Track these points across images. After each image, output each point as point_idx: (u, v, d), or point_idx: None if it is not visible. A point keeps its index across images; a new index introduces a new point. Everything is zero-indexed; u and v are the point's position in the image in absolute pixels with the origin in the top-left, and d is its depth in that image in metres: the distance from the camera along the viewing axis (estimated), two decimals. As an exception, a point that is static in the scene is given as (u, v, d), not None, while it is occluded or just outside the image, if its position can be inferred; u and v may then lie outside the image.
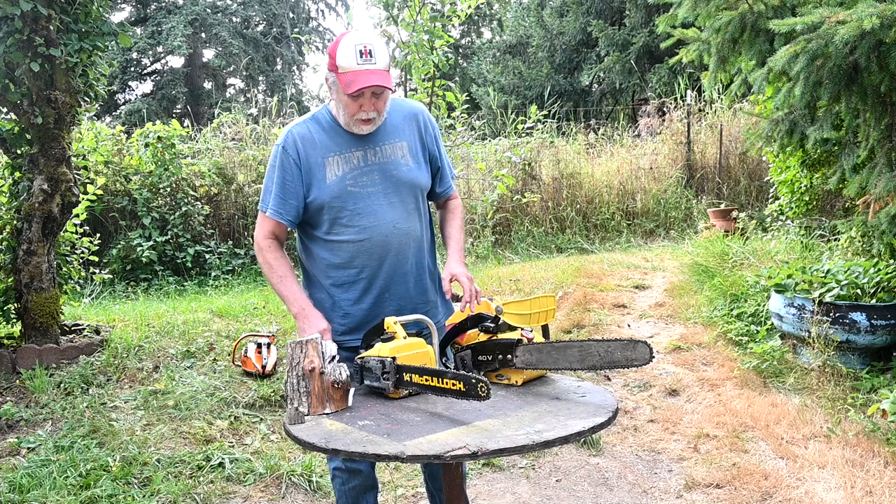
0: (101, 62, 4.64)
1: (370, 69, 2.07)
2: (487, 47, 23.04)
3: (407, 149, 2.28)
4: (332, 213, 2.23)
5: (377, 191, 2.23)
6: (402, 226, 2.25)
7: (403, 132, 2.29)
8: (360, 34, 2.12)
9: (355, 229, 2.22)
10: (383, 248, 2.23)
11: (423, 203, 2.35)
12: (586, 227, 9.89)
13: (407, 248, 2.27)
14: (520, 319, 2.01)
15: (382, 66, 2.10)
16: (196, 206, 8.36)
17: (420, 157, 2.32)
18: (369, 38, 2.11)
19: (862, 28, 3.29)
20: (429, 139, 2.35)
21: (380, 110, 2.17)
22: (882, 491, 2.96)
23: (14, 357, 4.39)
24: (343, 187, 2.20)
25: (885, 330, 4.12)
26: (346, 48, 2.08)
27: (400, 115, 2.31)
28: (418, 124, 2.33)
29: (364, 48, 2.07)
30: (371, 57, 2.07)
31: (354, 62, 2.07)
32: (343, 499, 2.42)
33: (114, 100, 24.29)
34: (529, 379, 2.07)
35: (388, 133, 2.26)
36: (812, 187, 6.52)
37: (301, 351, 1.88)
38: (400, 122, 2.30)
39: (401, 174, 2.25)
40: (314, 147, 2.22)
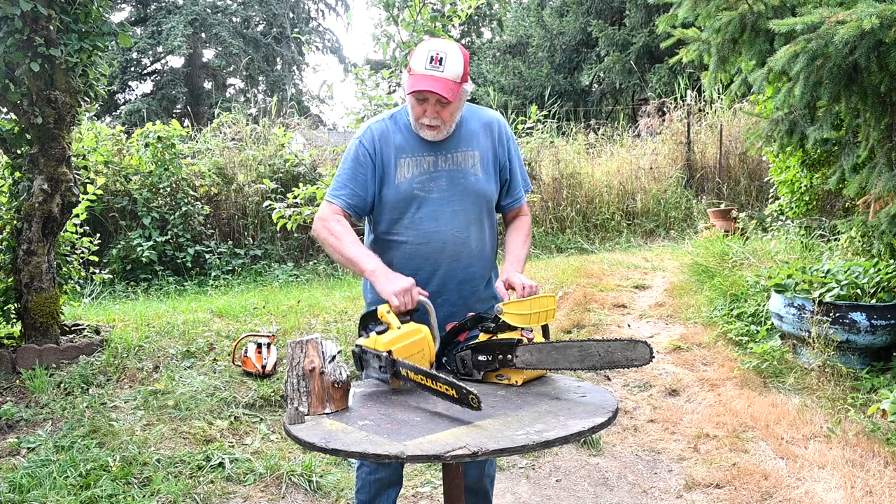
0: (101, 62, 4.64)
1: (434, 76, 2.07)
2: (487, 47, 23.06)
3: (478, 159, 2.27)
4: (394, 214, 2.26)
5: (442, 197, 2.23)
6: (461, 235, 2.25)
7: (477, 141, 2.28)
8: (439, 42, 2.13)
9: (415, 232, 2.25)
10: (439, 255, 2.25)
11: (489, 215, 2.33)
12: (586, 227, 9.89)
13: (463, 258, 2.27)
14: (520, 319, 2.01)
15: (450, 76, 2.09)
16: (196, 206, 8.36)
17: (490, 169, 2.30)
18: (446, 47, 2.11)
19: (862, 28, 3.29)
20: (501, 150, 2.32)
21: (444, 119, 2.16)
22: (882, 491, 2.96)
23: (14, 357, 4.39)
24: (410, 190, 2.23)
25: (885, 330, 4.12)
26: (420, 51, 2.11)
27: (477, 123, 2.30)
28: (493, 134, 2.31)
29: (436, 55, 2.08)
30: (440, 64, 2.07)
31: (423, 66, 2.08)
32: (366, 488, 2.44)
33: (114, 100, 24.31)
34: (529, 379, 2.07)
35: (461, 141, 2.26)
36: (812, 187, 6.53)
37: (301, 351, 1.88)
38: (475, 131, 2.29)
39: (468, 184, 2.25)
40: (389, 146, 2.25)
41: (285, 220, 5.53)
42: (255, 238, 8.83)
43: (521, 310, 2.01)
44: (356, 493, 2.48)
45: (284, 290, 7.16)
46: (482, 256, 2.33)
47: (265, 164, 9.05)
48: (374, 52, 5.75)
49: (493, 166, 2.30)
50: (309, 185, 6.06)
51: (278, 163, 9.05)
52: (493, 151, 2.30)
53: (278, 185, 8.55)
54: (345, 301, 5.97)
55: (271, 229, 8.63)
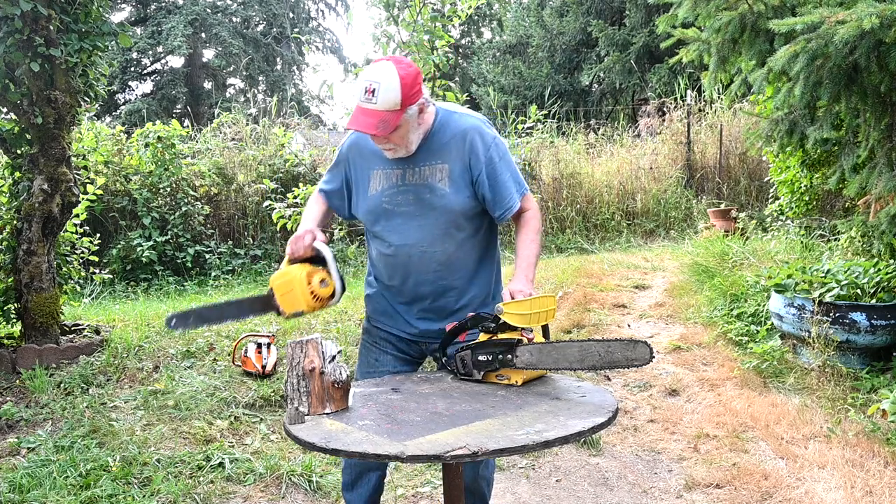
0: (101, 62, 4.64)
1: (366, 109, 2.01)
2: (487, 47, 23.06)
3: (447, 172, 2.18)
4: (368, 223, 2.31)
5: (409, 211, 2.21)
6: (428, 249, 2.22)
7: (448, 154, 2.18)
8: (375, 70, 2.03)
9: (385, 244, 2.27)
10: (406, 267, 2.26)
11: (463, 227, 2.24)
12: (586, 227, 9.89)
13: (431, 271, 2.24)
14: (520, 319, 2.01)
15: (384, 107, 2.00)
16: (196, 206, 8.37)
17: (461, 182, 2.19)
18: (380, 75, 2.01)
19: (862, 28, 3.29)
20: (475, 161, 2.18)
21: (396, 143, 2.11)
22: (882, 491, 2.96)
23: (14, 357, 4.39)
24: (379, 203, 2.23)
25: (885, 330, 4.12)
26: (358, 80, 2.05)
27: (450, 134, 2.19)
28: (465, 146, 2.18)
29: (369, 86, 2.00)
30: (373, 96, 1.99)
31: (359, 97, 2.03)
32: (348, 470, 2.49)
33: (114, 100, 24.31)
34: (529, 379, 2.07)
35: (431, 154, 2.18)
36: (812, 187, 6.53)
37: (301, 351, 1.88)
38: (446, 143, 2.19)
39: (434, 198, 2.18)
40: (364, 157, 2.26)
41: (285, 220, 5.53)
42: (255, 238, 8.83)
43: (521, 310, 2.01)
44: (342, 472, 2.55)
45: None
46: (455, 269, 2.27)
47: (265, 164, 9.05)
48: (374, 52, 5.74)
49: (465, 179, 2.19)
50: (309, 185, 6.06)
51: (278, 163, 9.05)
52: (464, 164, 2.19)
53: (278, 185, 8.55)
54: (345, 301, 5.97)
55: (271, 229, 8.63)
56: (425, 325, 2.31)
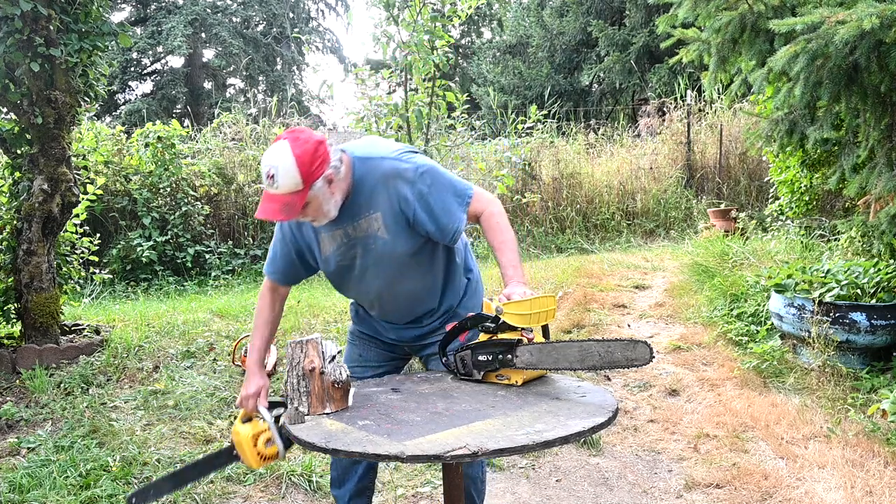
0: (101, 62, 4.64)
1: (271, 194, 1.98)
2: (487, 47, 23.05)
3: (381, 219, 2.15)
4: (333, 280, 2.37)
5: (363, 263, 2.23)
6: (391, 290, 2.28)
7: (376, 202, 2.14)
8: (272, 154, 1.97)
9: (353, 294, 2.39)
10: (381, 307, 2.36)
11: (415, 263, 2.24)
12: (586, 227, 9.89)
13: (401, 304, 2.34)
14: (520, 319, 2.01)
15: (286, 190, 1.96)
16: (196, 206, 8.37)
17: (397, 227, 2.16)
18: (277, 158, 1.95)
19: (862, 28, 3.29)
20: (405, 206, 2.13)
21: (313, 216, 2.07)
22: (882, 491, 2.96)
23: (14, 357, 4.39)
24: (336, 262, 2.26)
25: (885, 330, 4.12)
26: (261, 164, 2.00)
27: (371, 182, 2.13)
28: (389, 190, 2.13)
29: (268, 171, 1.95)
30: (273, 181, 1.95)
31: (263, 181, 1.99)
32: (334, 465, 2.56)
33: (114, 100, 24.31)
34: (529, 379, 2.07)
35: (361, 206, 2.15)
36: (812, 187, 6.53)
37: (301, 351, 1.88)
38: (372, 191, 2.14)
39: (378, 248, 2.18)
40: (307, 224, 2.24)
41: (285, 220, 5.52)
42: (255, 238, 8.83)
43: (522, 310, 2.01)
44: (330, 468, 2.61)
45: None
46: (424, 295, 2.32)
47: (265, 163, 9.05)
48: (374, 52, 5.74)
49: (399, 223, 2.15)
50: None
51: (278, 163, 9.04)
52: (395, 207, 2.13)
53: (278, 185, 8.53)
54: (345, 301, 5.96)
55: (271, 229, 8.62)
56: (406, 333, 2.41)
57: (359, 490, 2.54)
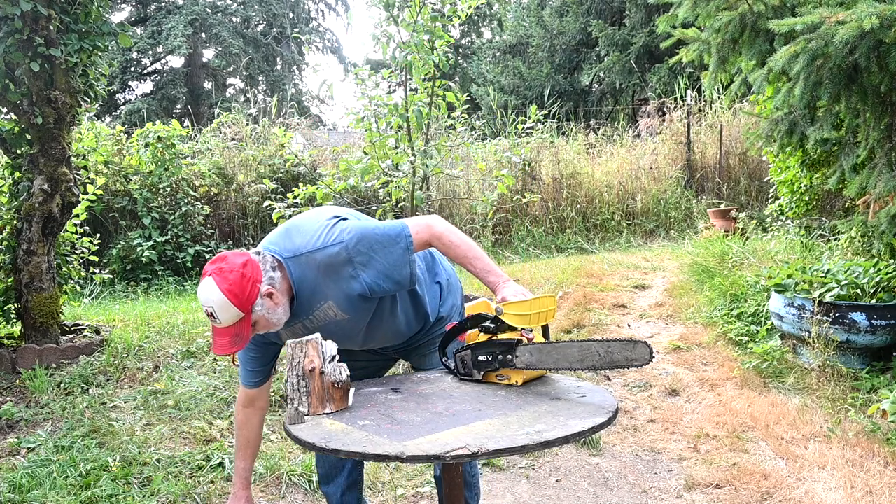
0: (101, 62, 4.64)
1: (218, 328, 1.99)
2: (487, 47, 23.06)
3: (335, 306, 2.11)
4: None
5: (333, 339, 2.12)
6: (365, 344, 2.32)
7: (323, 293, 2.09)
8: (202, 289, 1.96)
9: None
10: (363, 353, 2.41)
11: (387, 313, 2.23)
12: (586, 227, 9.89)
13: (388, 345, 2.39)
14: (520, 320, 2.01)
15: (228, 323, 1.97)
16: (196, 206, 8.37)
17: (351, 306, 2.12)
18: (210, 296, 1.94)
19: (862, 28, 3.29)
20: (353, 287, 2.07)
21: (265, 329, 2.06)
22: (882, 491, 2.96)
23: (14, 357, 4.39)
24: None
25: (885, 330, 4.12)
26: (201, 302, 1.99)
27: (312, 277, 2.07)
28: (331, 279, 2.08)
29: (207, 310, 1.97)
30: (215, 318, 1.96)
31: (209, 319, 2.01)
32: (321, 463, 2.58)
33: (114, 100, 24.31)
34: (529, 379, 2.07)
35: (311, 300, 2.10)
36: (812, 187, 6.53)
37: (301, 351, 1.88)
38: (314, 285, 2.08)
39: (342, 329, 2.16)
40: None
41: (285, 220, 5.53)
42: (255, 238, 8.83)
43: (522, 310, 2.01)
44: (315, 466, 2.67)
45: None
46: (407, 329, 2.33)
47: (265, 164, 9.06)
48: (374, 52, 5.73)
49: (352, 302, 2.11)
50: (309, 185, 6.06)
51: (278, 163, 9.05)
52: (343, 294, 2.09)
53: (278, 185, 8.55)
54: (345, 301, 5.96)
55: (271, 229, 8.61)
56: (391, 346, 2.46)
57: (349, 485, 2.56)
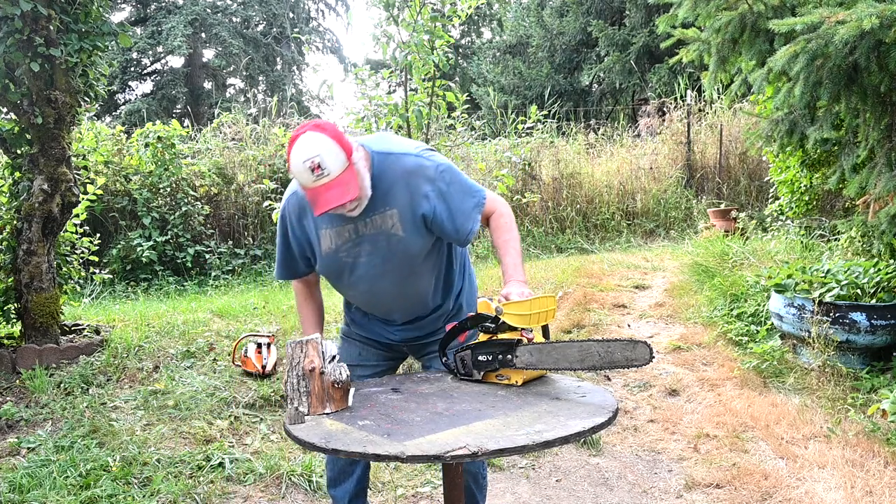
0: (101, 62, 4.64)
1: (325, 183, 1.93)
2: (487, 47, 23.05)
3: (398, 216, 2.13)
4: (332, 279, 2.32)
5: (370, 261, 2.19)
6: (396, 290, 2.25)
7: (394, 198, 2.12)
8: (305, 145, 1.93)
9: (355, 293, 2.33)
10: (384, 305, 2.33)
11: (425, 262, 2.24)
12: (586, 227, 9.89)
13: (408, 304, 2.32)
14: (520, 320, 2.01)
15: (338, 172, 1.93)
16: (196, 206, 8.37)
17: (413, 225, 2.14)
18: (314, 147, 1.91)
19: (862, 28, 3.29)
20: (426, 204, 2.12)
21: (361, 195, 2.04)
22: (882, 491, 2.96)
23: (14, 357, 4.39)
24: (338, 259, 2.21)
25: (885, 330, 4.12)
26: (296, 164, 1.94)
27: (391, 178, 2.11)
28: (409, 187, 2.12)
29: (312, 163, 1.90)
30: (322, 170, 1.91)
31: (309, 180, 1.93)
32: (331, 463, 2.54)
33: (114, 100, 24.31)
34: (529, 379, 2.07)
35: (377, 202, 2.11)
36: (812, 187, 6.53)
37: (301, 351, 1.88)
38: (390, 187, 2.11)
39: (391, 245, 2.15)
40: (307, 218, 2.21)
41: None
42: (255, 238, 8.83)
43: (522, 310, 2.01)
44: (325, 468, 2.60)
45: (284, 290, 7.16)
46: (429, 293, 2.31)
47: (265, 164, 9.05)
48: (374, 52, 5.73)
49: (415, 220, 2.14)
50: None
51: (278, 163, 9.05)
52: (412, 205, 2.12)
53: (278, 185, 8.55)
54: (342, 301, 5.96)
55: (271, 229, 8.63)
56: (406, 334, 2.40)
57: (357, 491, 2.53)
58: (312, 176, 1.92)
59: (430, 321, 2.37)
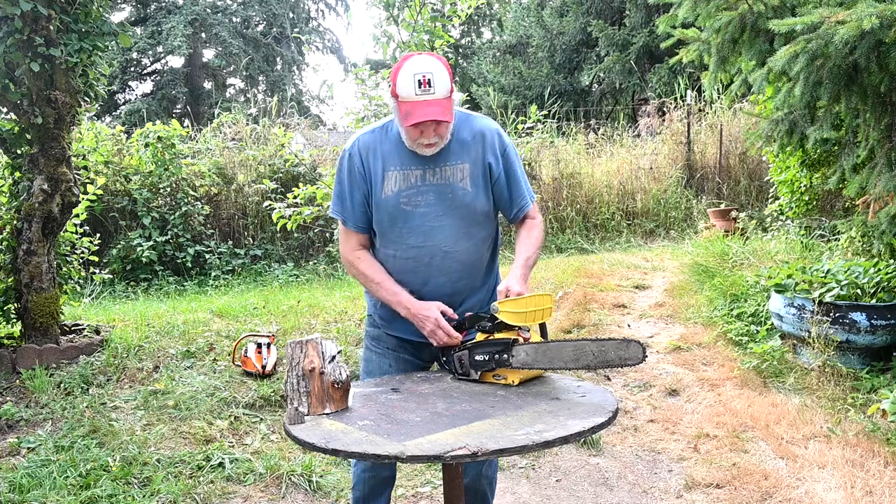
0: (101, 62, 4.64)
1: (428, 100, 2.01)
2: (487, 47, 23.06)
3: (468, 171, 2.19)
4: (381, 227, 2.24)
5: (430, 212, 2.18)
6: (450, 249, 2.21)
7: (468, 153, 2.20)
8: (420, 61, 2.04)
9: (403, 247, 2.23)
10: (427, 269, 2.24)
11: (481, 227, 2.27)
12: (586, 227, 9.89)
13: (452, 271, 2.25)
14: (515, 317, 2.01)
15: (442, 95, 2.03)
16: (196, 206, 8.36)
17: (481, 181, 2.21)
18: (429, 65, 2.03)
19: (862, 28, 3.29)
20: (495, 162, 2.22)
21: (442, 135, 2.11)
22: (882, 491, 2.96)
23: (14, 357, 4.39)
24: (396, 204, 2.19)
25: (885, 330, 4.12)
26: (405, 77, 2.02)
27: (468, 133, 2.21)
28: (485, 146, 2.21)
29: (423, 77, 2.00)
30: (430, 87, 2.01)
31: (413, 92, 2.01)
32: (360, 485, 2.45)
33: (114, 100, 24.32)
34: (526, 379, 2.07)
35: (451, 153, 2.18)
36: (812, 187, 6.53)
37: (301, 351, 1.88)
38: (466, 142, 2.20)
39: (456, 198, 2.18)
40: (376, 157, 2.20)
41: (285, 220, 5.53)
42: (255, 238, 8.83)
43: (517, 308, 2.01)
44: (352, 490, 2.51)
45: (284, 290, 7.16)
46: (474, 269, 2.29)
47: (265, 164, 9.05)
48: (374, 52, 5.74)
49: (483, 178, 2.22)
50: (309, 185, 6.06)
51: (278, 163, 9.05)
52: (484, 163, 2.22)
53: (278, 185, 8.55)
54: (345, 301, 5.96)
55: (271, 229, 8.63)
56: None
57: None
58: (419, 89, 2.01)
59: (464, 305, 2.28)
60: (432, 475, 3.41)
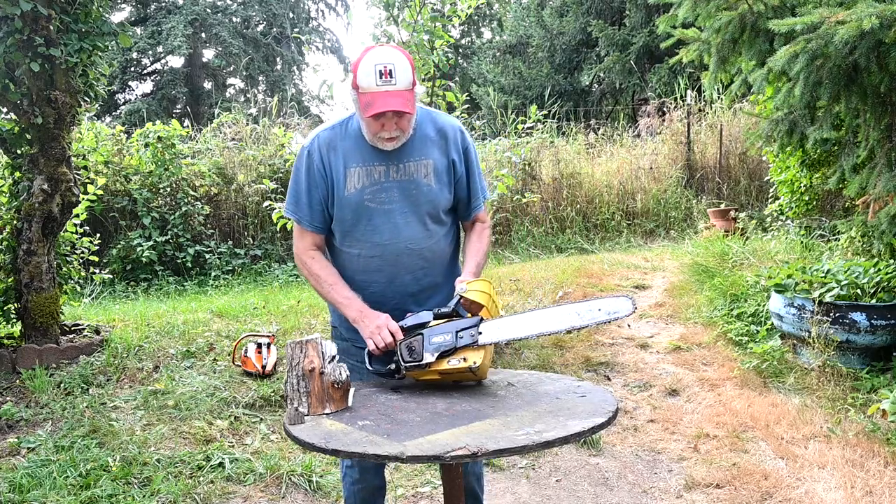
0: (101, 62, 4.64)
1: (389, 91, 1.99)
2: (487, 47, 23.05)
3: (432, 167, 2.18)
4: (345, 226, 2.21)
5: (394, 209, 2.16)
6: (415, 246, 2.19)
7: (432, 150, 2.19)
8: (381, 52, 2.03)
9: (368, 245, 2.20)
10: (392, 267, 2.21)
11: (444, 223, 2.27)
12: (586, 227, 9.89)
13: (417, 269, 2.23)
14: (483, 297, 1.99)
15: (403, 87, 2.01)
16: (196, 206, 8.36)
17: (444, 178, 2.21)
18: (390, 56, 2.01)
19: (861, 28, 3.29)
20: (458, 158, 2.23)
21: (403, 128, 2.09)
22: (882, 491, 2.96)
23: (14, 357, 4.39)
24: (360, 201, 2.16)
25: (885, 330, 4.12)
26: (366, 67, 2.00)
27: (431, 129, 2.21)
28: (448, 142, 2.22)
29: (384, 68, 1.98)
30: (391, 77, 1.98)
31: (374, 83, 1.99)
32: (352, 498, 2.42)
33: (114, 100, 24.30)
34: (488, 360, 2.00)
35: (415, 149, 2.17)
36: (812, 187, 6.53)
37: (301, 351, 1.88)
38: (429, 138, 2.20)
39: (421, 194, 2.17)
40: (337, 154, 2.17)
41: (285, 220, 5.53)
42: (255, 238, 8.82)
43: (484, 287, 2.02)
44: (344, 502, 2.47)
45: (284, 290, 7.16)
46: (439, 265, 2.28)
47: (265, 164, 9.05)
48: (375, 52, 5.69)
49: (447, 175, 2.22)
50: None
51: (278, 163, 9.05)
52: (448, 160, 2.21)
53: (278, 185, 8.55)
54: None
55: (271, 229, 8.63)
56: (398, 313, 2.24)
57: None
58: (380, 80, 1.99)
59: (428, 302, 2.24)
60: (432, 475, 3.41)
